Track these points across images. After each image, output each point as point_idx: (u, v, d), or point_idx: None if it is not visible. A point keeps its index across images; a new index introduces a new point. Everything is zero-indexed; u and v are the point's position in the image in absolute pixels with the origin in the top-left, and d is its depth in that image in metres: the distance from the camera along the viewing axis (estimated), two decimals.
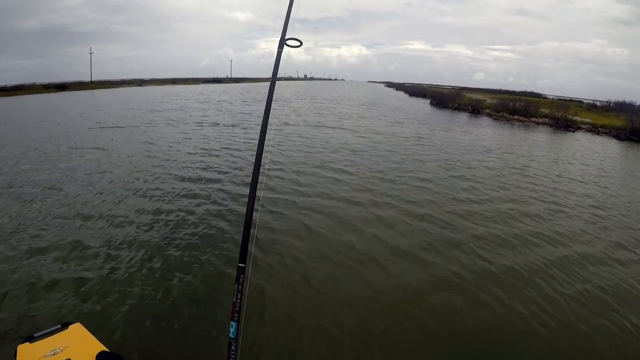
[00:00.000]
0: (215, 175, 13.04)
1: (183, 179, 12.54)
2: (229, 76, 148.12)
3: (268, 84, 2.94)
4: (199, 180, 12.49)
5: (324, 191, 11.71)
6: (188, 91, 68.47)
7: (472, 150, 20.63)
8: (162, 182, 12.18)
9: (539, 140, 27.03)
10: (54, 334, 3.19)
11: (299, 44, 2.77)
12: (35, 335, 3.17)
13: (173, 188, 11.56)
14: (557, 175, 16.20)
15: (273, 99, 2.90)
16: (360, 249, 7.98)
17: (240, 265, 2.32)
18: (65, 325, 3.32)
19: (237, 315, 2.30)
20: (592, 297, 6.71)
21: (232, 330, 2.30)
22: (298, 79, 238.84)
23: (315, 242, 8.29)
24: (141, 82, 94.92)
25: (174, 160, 15.11)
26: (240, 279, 2.32)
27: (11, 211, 9.43)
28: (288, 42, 2.79)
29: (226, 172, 13.50)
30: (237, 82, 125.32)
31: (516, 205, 11.60)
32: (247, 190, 10.02)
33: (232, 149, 17.65)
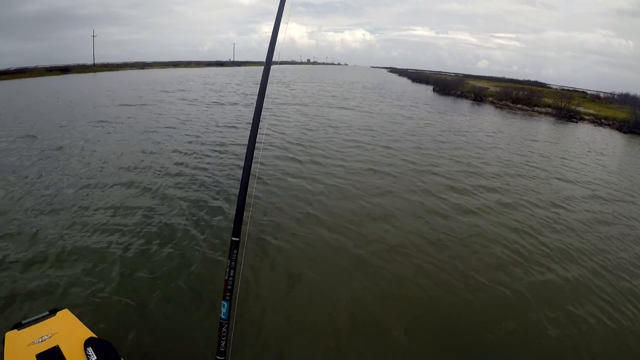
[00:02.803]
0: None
1: (204, 152, 13.26)
2: (232, 60, 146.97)
3: (272, 67, 2.92)
4: (223, 152, 13.40)
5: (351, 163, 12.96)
6: (193, 74, 67.82)
7: (475, 132, 21.54)
8: (182, 154, 12.89)
9: (541, 128, 27.10)
10: (42, 321, 3.20)
11: None
12: (23, 322, 3.17)
13: (193, 160, 12.20)
14: (562, 157, 17.23)
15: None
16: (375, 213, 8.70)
17: (233, 239, 2.15)
18: (53, 312, 3.32)
19: (229, 294, 2.17)
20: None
21: (223, 310, 2.18)
22: (301, 63, 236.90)
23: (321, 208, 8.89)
24: (143, 65, 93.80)
25: (197, 135, 15.93)
26: (234, 255, 2.16)
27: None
28: None
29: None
30: (240, 66, 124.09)
31: (521, 179, 12.94)
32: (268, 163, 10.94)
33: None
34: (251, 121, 2.44)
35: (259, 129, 2.47)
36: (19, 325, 3.12)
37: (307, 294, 5.69)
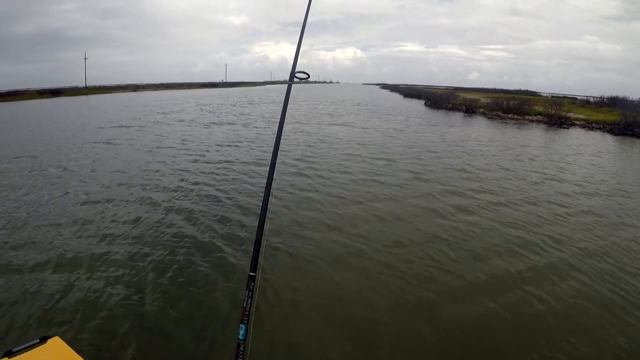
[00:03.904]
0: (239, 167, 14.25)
1: (205, 173, 13.35)
2: (224, 80, 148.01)
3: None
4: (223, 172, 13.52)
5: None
6: (186, 96, 68.39)
7: (468, 141, 22.06)
8: (188, 174, 13.00)
9: (533, 136, 27.47)
10: (32, 349, 3.12)
11: (306, 76, 3.07)
12: (13, 350, 3.09)
13: (194, 182, 12.15)
14: (555, 160, 17.89)
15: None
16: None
17: (251, 274, 2.42)
18: (44, 339, 3.22)
19: (246, 318, 2.39)
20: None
21: (241, 332, 2.38)
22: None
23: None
24: (136, 88, 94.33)
25: (202, 155, 16.33)
26: (251, 286, 2.42)
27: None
28: (297, 75, 3.11)
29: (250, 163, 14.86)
30: (233, 87, 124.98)
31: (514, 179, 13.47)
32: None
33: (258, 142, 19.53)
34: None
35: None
36: (9, 354, 3.05)
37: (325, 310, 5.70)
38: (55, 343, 3.23)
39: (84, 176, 12.60)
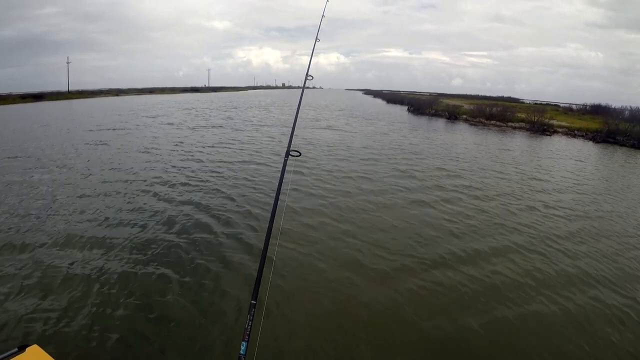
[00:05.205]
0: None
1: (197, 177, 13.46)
2: (207, 85, 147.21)
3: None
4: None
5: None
6: (170, 100, 68.13)
7: (452, 146, 22.71)
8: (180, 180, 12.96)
9: (515, 142, 27.93)
10: (10, 358, 2.99)
11: (298, 154, 3.65)
12: None
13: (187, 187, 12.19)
14: (537, 166, 18.44)
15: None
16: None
17: (252, 302, 2.61)
18: (22, 348, 3.10)
19: (247, 337, 2.50)
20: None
21: (242, 348, 2.49)
22: (276, 87, 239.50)
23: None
24: (118, 92, 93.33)
25: (198, 157, 16.66)
26: (252, 312, 2.58)
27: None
28: (292, 153, 3.65)
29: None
30: (216, 92, 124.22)
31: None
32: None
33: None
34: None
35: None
36: None
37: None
38: (34, 352, 3.11)
39: (81, 176, 12.99)
